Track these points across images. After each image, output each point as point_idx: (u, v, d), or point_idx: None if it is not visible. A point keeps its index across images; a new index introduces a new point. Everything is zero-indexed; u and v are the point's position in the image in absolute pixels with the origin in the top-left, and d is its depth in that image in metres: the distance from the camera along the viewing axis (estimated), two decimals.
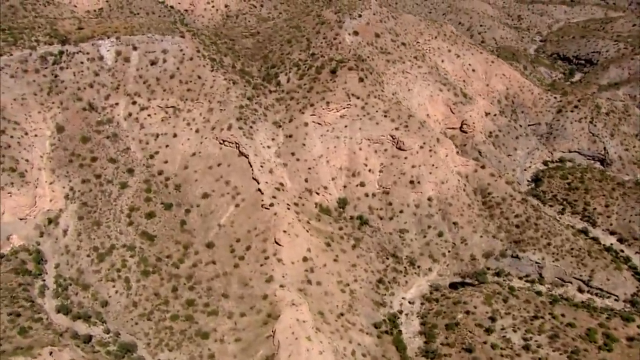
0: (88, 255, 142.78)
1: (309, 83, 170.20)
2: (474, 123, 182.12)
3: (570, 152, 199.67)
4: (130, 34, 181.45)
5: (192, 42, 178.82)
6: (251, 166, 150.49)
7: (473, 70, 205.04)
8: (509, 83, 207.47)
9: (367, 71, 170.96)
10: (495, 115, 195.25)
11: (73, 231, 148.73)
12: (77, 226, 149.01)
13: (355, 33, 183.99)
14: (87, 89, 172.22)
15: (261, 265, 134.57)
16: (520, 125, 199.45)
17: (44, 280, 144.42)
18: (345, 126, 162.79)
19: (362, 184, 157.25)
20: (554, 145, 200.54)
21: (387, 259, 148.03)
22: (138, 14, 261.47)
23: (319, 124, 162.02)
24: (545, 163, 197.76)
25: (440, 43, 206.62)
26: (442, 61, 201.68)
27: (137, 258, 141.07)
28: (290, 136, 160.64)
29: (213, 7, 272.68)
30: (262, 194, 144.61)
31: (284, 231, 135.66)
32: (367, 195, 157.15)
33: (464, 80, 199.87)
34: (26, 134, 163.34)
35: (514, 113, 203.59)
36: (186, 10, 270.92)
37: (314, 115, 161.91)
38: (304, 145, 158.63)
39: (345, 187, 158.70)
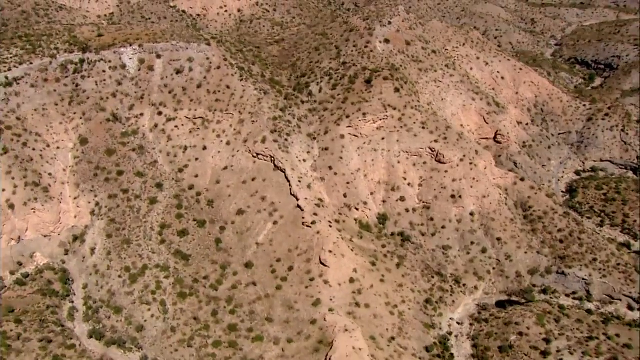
0: (119, 276, 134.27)
1: (342, 93, 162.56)
2: (508, 133, 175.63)
3: (602, 161, 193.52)
4: (153, 41, 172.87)
5: (219, 50, 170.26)
6: (289, 181, 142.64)
7: (502, 78, 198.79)
8: (538, 91, 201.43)
9: (401, 81, 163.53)
10: (527, 124, 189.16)
11: (102, 250, 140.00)
12: (105, 244, 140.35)
13: (387, 41, 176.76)
14: (110, 98, 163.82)
15: (306, 287, 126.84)
16: (553, 135, 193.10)
17: (72, 302, 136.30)
18: (383, 138, 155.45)
19: (402, 199, 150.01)
20: (586, 154, 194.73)
21: (433, 277, 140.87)
22: (149, 19, 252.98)
23: (355, 136, 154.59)
24: (577, 173, 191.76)
25: (468, 50, 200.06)
26: (471, 69, 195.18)
27: (172, 279, 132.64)
28: (327, 149, 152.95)
29: (226, 12, 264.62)
30: (303, 210, 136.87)
31: (330, 251, 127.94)
32: (407, 210, 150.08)
33: (493, 89, 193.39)
34: (48, 146, 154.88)
35: (544, 122, 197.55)
36: (198, 15, 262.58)
37: (350, 127, 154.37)
38: (341, 158, 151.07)
39: (384, 202, 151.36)
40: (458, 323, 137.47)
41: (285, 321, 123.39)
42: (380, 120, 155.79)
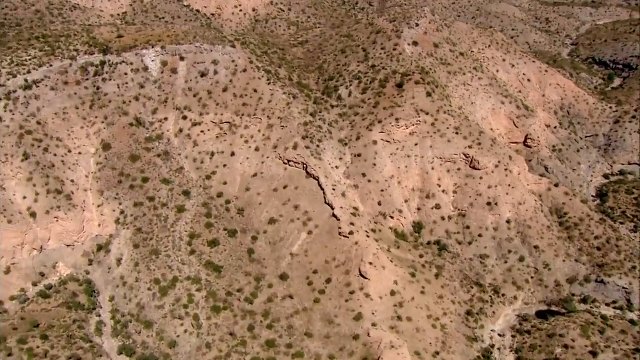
0: (149, 289, 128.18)
1: (373, 98, 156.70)
2: (539, 137, 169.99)
3: (630, 164, 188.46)
4: (175, 42, 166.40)
5: (244, 53, 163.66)
6: (323, 189, 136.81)
7: (528, 80, 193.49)
8: (564, 93, 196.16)
9: (433, 85, 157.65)
10: (555, 127, 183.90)
11: (129, 260, 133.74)
12: (133, 255, 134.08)
13: (415, 43, 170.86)
14: (133, 102, 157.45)
15: (346, 300, 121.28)
16: (582, 138, 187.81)
17: (100, 316, 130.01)
18: (416, 144, 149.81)
19: (437, 207, 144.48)
20: (613, 157, 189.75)
21: (472, 288, 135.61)
22: (163, 18, 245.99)
23: (388, 142, 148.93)
24: (606, 176, 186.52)
25: (494, 52, 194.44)
26: (497, 71, 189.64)
27: (204, 292, 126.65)
28: (359, 155, 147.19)
29: (241, 11, 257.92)
30: (339, 220, 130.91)
31: (370, 263, 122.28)
32: (443, 218, 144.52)
33: (520, 91, 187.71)
34: (69, 151, 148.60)
35: (571, 125, 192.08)
36: (213, 15, 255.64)
37: (382, 132, 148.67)
38: (374, 165, 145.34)
39: (419, 209, 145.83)
40: (500, 335, 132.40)
41: (325, 336, 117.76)
42: (413, 125, 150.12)
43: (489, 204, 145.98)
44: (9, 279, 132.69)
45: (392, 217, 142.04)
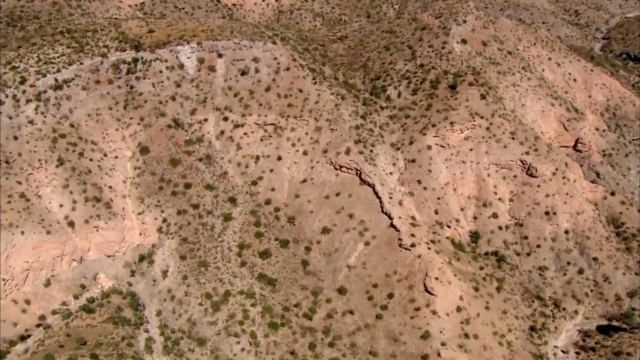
0: (200, 304, 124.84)
1: (425, 99, 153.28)
2: (589, 141, 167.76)
3: None
4: (211, 38, 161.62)
5: (286, 49, 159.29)
6: (379, 197, 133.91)
7: (574, 80, 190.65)
8: (610, 93, 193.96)
9: (486, 86, 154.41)
10: (604, 130, 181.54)
11: (175, 273, 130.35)
12: (180, 267, 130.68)
13: (463, 41, 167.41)
14: (170, 102, 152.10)
15: (412, 317, 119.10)
16: (630, 142, 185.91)
17: (147, 332, 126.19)
18: (471, 149, 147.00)
19: (494, 215, 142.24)
20: None
21: (533, 301, 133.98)
22: (183, 8, 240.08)
23: (442, 146, 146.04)
24: None
25: (539, 50, 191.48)
26: (543, 70, 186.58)
27: (259, 307, 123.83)
28: (413, 161, 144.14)
29: (264, 1, 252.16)
30: (398, 231, 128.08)
31: (436, 278, 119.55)
32: (500, 228, 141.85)
33: (566, 92, 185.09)
34: (105, 155, 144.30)
35: (617, 127, 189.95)
36: (234, 5, 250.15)
37: (436, 136, 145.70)
38: (430, 171, 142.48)
39: (475, 218, 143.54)
40: (563, 351, 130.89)
41: (391, 355, 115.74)
42: (468, 129, 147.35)
43: (546, 213, 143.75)
44: (50, 292, 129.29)
45: (448, 227, 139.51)
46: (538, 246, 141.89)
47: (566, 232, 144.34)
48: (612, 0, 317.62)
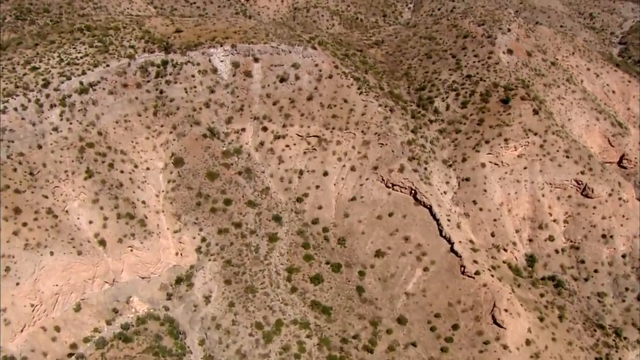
0: (250, 334, 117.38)
1: (476, 114, 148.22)
2: (635, 158, 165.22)
3: None
4: (245, 41, 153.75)
5: (327, 56, 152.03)
6: (437, 220, 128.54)
7: (613, 92, 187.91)
8: None
9: (537, 101, 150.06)
10: None
11: (220, 299, 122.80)
12: (225, 292, 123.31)
13: (510, 51, 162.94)
14: (204, 109, 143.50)
15: (480, 351, 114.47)
16: None
17: None
18: (525, 168, 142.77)
19: (550, 238, 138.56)
20: None
21: (595, 330, 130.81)
22: (194, 3, 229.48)
23: (496, 164, 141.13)
24: None
25: (578, 60, 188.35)
26: (582, 81, 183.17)
27: (315, 339, 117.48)
28: (467, 179, 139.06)
29: None
30: (460, 257, 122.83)
31: (505, 310, 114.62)
32: (557, 251, 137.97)
33: (605, 104, 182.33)
34: (136, 166, 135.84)
35: None
36: (247, 0, 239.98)
37: (490, 154, 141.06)
38: (485, 191, 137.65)
39: (530, 241, 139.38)
40: None
41: None
42: (522, 147, 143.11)
43: (603, 236, 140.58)
44: (80, 317, 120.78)
45: (505, 250, 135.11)
46: (595, 271, 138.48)
47: (623, 256, 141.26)
48: (625, 3, 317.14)
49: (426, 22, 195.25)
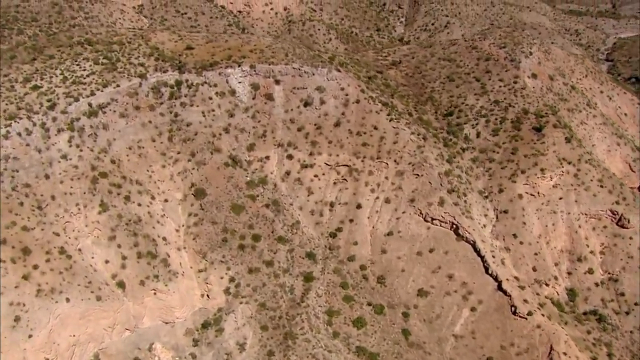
0: None
1: (509, 142, 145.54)
2: None
3: None
4: (264, 61, 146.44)
5: (353, 79, 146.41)
6: (481, 256, 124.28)
7: (625, 115, 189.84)
8: None
9: (568, 128, 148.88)
10: None
11: (257, 346, 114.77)
12: (262, 339, 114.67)
13: (534, 75, 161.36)
14: (223, 135, 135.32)
15: None
16: None
17: None
18: (560, 198, 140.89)
19: (590, 271, 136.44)
20: None
21: None
22: (185, 13, 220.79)
23: (533, 195, 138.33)
24: None
25: (591, 82, 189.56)
26: (596, 104, 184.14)
27: None
28: (506, 212, 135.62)
29: (272, 9, 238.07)
30: (509, 296, 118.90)
31: (564, 353, 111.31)
32: (597, 284, 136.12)
33: (619, 127, 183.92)
34: (153, 198, 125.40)
35: None
36: (240, 12, 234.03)
37: (527, 184, 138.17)
38: (524, 223, 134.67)
39: (569, 274, 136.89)
40: None
41: None
42: (557, 176, 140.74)
43: None
44: None
45: (547, 285, 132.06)
46: (636, 304, 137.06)
47: None
48: (606, 20, 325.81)
49: (441, 42, 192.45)
